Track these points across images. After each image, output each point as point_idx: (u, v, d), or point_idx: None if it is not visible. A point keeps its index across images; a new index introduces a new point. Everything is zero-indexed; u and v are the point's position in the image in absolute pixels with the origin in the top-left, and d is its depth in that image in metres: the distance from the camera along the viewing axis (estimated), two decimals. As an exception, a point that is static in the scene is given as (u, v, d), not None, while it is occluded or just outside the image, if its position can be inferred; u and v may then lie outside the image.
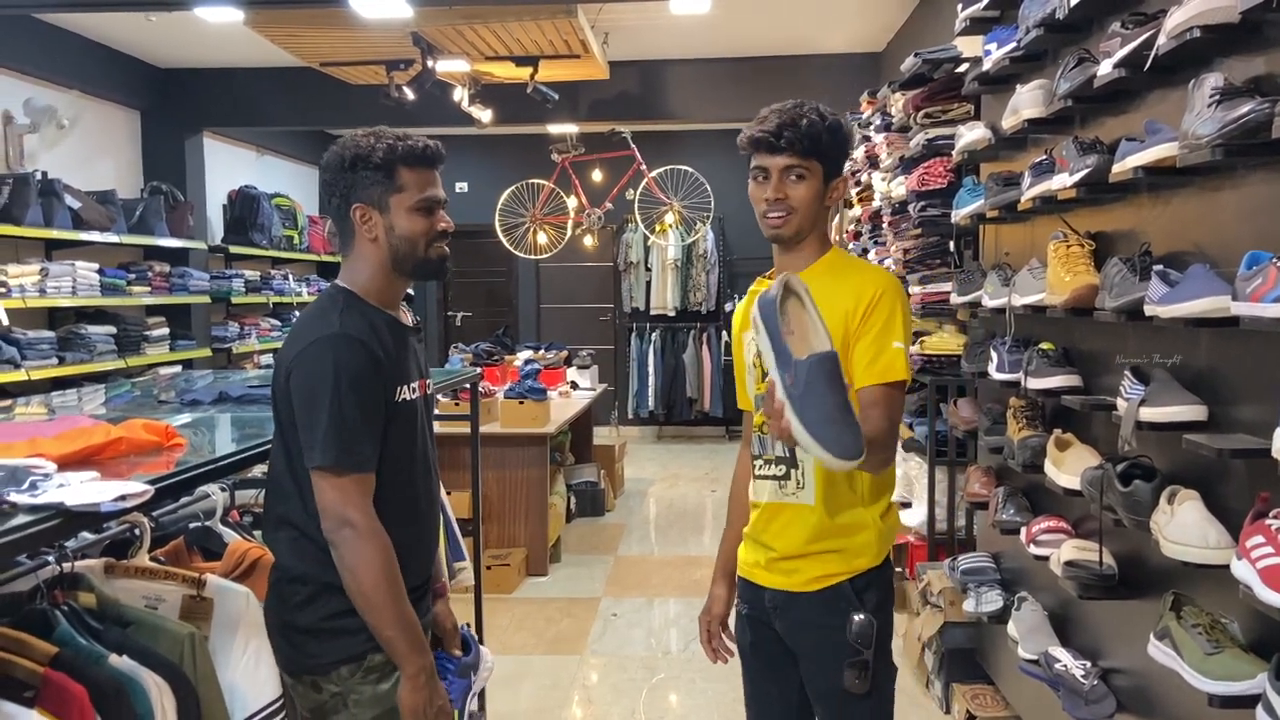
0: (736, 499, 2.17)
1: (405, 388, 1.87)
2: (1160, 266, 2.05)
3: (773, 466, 1.95)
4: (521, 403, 5.58)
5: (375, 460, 1.78)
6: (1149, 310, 2.02)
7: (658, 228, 8.81)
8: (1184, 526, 1.90)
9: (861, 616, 1.86)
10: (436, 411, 2.96)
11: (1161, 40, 2.00)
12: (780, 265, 1.98)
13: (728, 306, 9.74)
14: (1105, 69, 2.25)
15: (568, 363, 7.43)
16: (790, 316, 1.67)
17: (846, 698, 1.88)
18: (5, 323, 5.13)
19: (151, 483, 1.54)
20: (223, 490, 2.24)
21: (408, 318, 1.97)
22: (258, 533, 2.34)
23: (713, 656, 2.21)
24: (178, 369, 6.52)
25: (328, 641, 1.80)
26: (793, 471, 1.92)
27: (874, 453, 1.67)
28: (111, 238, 6.07)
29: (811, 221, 1.93)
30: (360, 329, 1.79)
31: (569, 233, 8.31)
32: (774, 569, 1.97)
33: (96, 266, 5.94)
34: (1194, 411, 1.99)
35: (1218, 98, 1.81)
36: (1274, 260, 1.65)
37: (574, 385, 7.14)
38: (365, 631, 1.78)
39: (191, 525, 2.21)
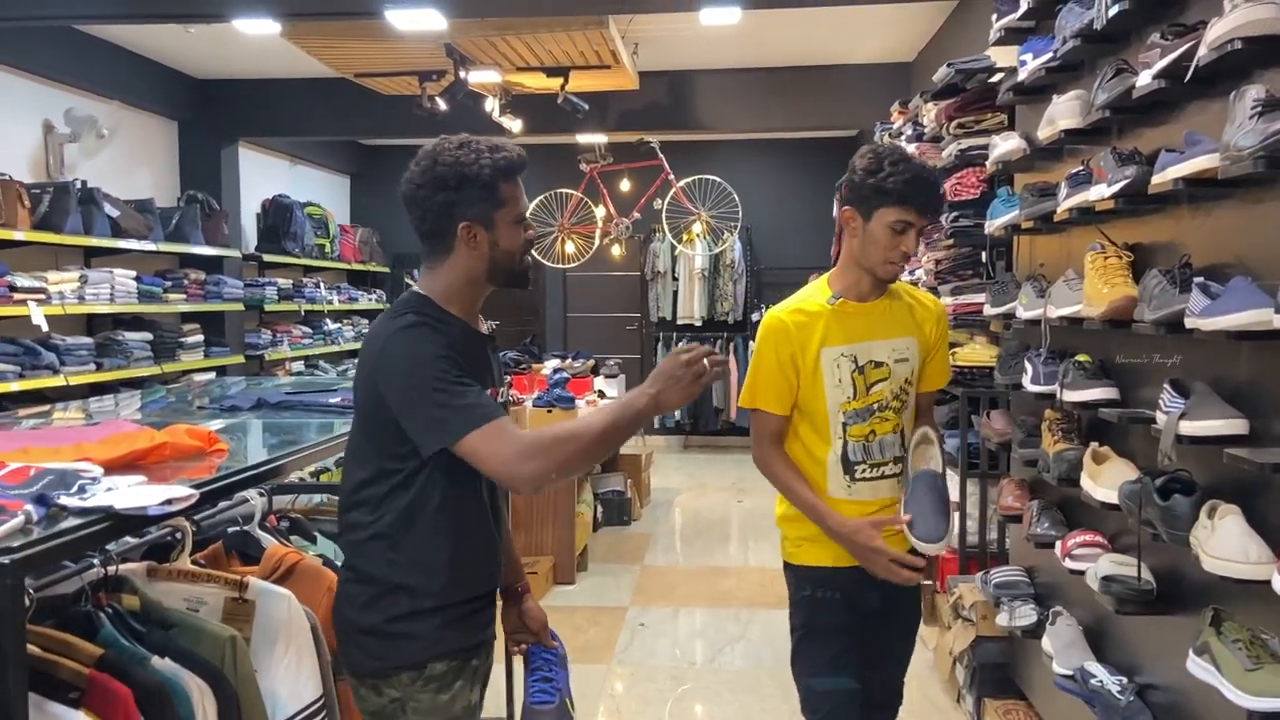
0: (789, 466, 2.32)
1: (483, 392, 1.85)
2: (1200, 279, 2.03)
3: (891, 466, 2.29)
4: (550, 411, 5.60)
5: (498, 406, 1.76)
6: (1189, 323, 2.00)
7: (685, 237, 8.82)
8: (1225, 541, 1.88)
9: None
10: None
11: (1202, 52, 1.99)
12: (861, 290, 2.28)
13: (755, 316, 9.73)
14: (1144, 80, 2.24)
15: (595, 372, 7.45)
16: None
17: (915, 629, 2.44)
18: (45, 329, 5.22)
19: (196, 487, 1.56)
20: (261, 495, 2.27)
21: (483, 326, 1.97)
22: (295, 537, 2.36)
23: (910, 575, 2.22)
24: (211, 375, 6.60)
25: (389, 645, 1.80)
26: (905, 466, 2.30)
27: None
28: (149, 246, 6.16)
29: None
30: (440, 327, 1.78)
31: (597, 242, 8.33)
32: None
33: (134, 274, 6.03)
34: (1235, 425, 1.97)
35: (1259, 110, 1.79)
36: (1319, 273, 1.63)
37: (601, 394, 7.15)
38: (427, 639, 1.79)
39: (230, 530, 2.24)
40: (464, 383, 1.72)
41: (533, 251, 2.02)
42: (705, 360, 1.76)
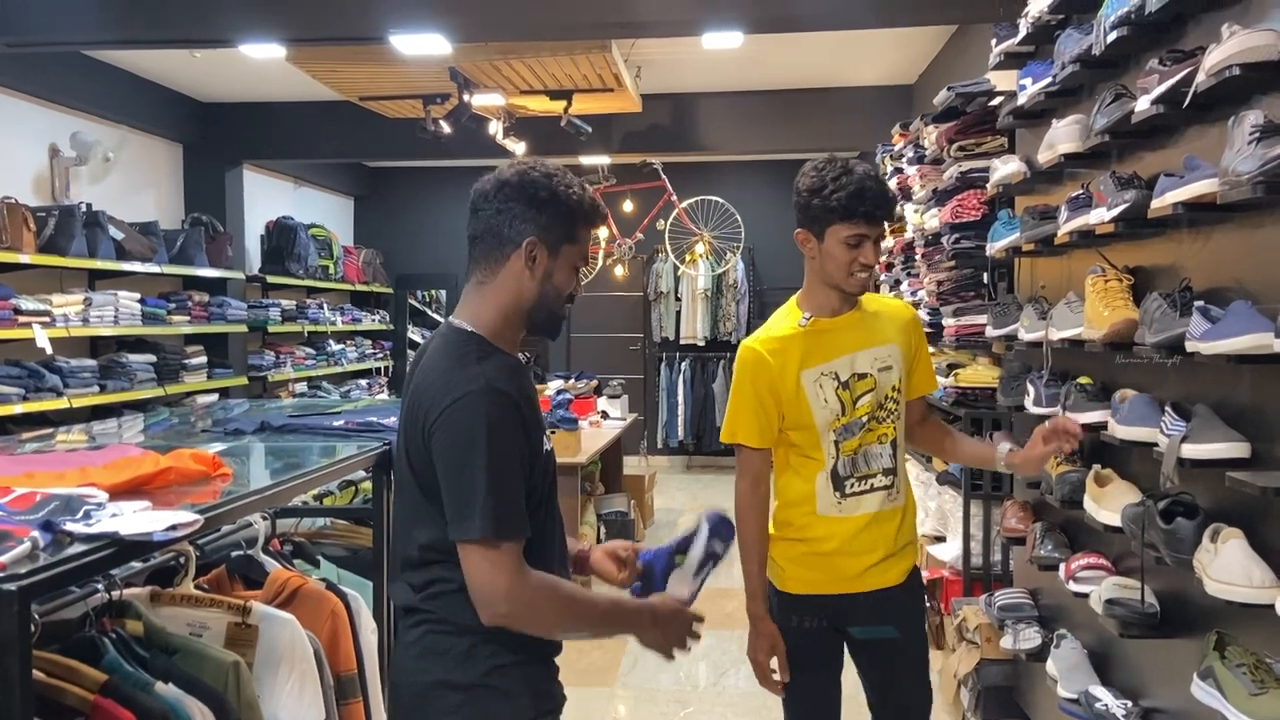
0: (759, 528, 2.27)
1: (546, 436, 1.76)
2: (1201, 302, 2.04)
3: (881, 478, 2.23)
4: (553, 432, 5.60)
5: (529, 527, 1.63)
6: (1190, 346, 2.01)
7: (688, 258, 8.86)
8: (1228, 565, 1.88)
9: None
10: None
11: (1201, 77, 2.01)
12: (831, 306, 2.24)
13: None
14: (1143, 105, 2.26)
15: (598, 392, 7.45)
16: None
17: (922, 655, 2.35)
18: (49, 351, 5.24)
19: (201, 512, 1.56)
20: (264, 519, 2.27)
21: (520, 357, 1.86)
22: (299, 561, 2.36)
23: (778, 688, 2.27)
24: (214, 397, 6.61)
25: (494, 701, 1.66)
26: (894, 479, 2.25)
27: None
28: (153, 268, 6.18)
29: None
30: (504, 378, 1.64)
31: (600, 263, 8.36)
32: (876, 571, 2.23)
33: (138, 296, 6.06)
34: (1237, 449, 1.98)
35: (1258, 135, 1.81)
36: (1318, 298, 1.64)
37: (604, 415, 7.16)
38: (532, 692, 1.70)
39: (233, 554, 2.24)
40: (518, 477, 1.62)
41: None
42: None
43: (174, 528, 1.47)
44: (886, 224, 2.18)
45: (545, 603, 1.63)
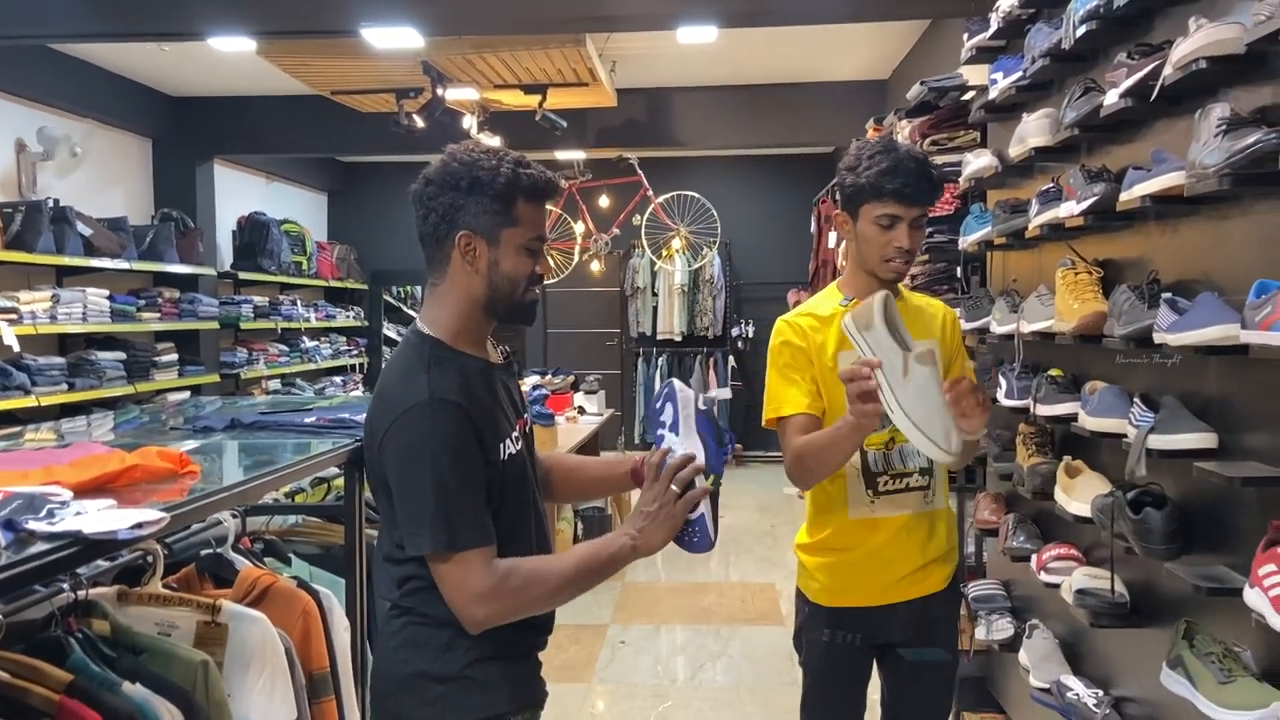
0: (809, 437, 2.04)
1: (508, 441, 1.68)
2: (1169, 294, 2.06)
3: (916, 478, 2.10)
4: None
5: (490, 531, 1.59)
6: (1158, 338, 2.03)
7: (664, 253, 8.86)
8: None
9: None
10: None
11: (1168, 71, 2.03)
12: (870, 293, 2.00)
13: (734, 331, 9.76)
14: (1112, 99, 2.27)
15: (575, 388, 7.44)
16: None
17: (952, 672, 2.25)
18: (16, 349, 5.17)
19: (167, 510, 1.54)
20: (234, 517, 2.24)
21: (496, 354, 1.78)
22: (270, 560, 2.34)
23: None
24: (186, 395, 6.54)
25: (473, 693, 1.64)
26: (931, 480, 2.11)
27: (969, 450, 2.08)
28: (122, 264, 6.11)
29: None
30: (451, 388, 1.59)
31: (576, 258, 8.35)
32: (915, 579, 2.12)
33: (107, 293, 5.99)
34: (1204, 439, 2.00)
35: (1224, 128, 1.82)
36: (1283, 289, 1.65)
37: (581, 410, 7.14)
38: (512, 686, 1.68)
39: (203, 552, 2.21)
40: (470, 486, 1.58)
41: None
42: (683, 472, 1.65)
43: (139, 526, 1.45)
44: (925, 208, 2.04)
45: (518, 591, 1.59)
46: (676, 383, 1.83)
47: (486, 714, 1.66)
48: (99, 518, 1.44)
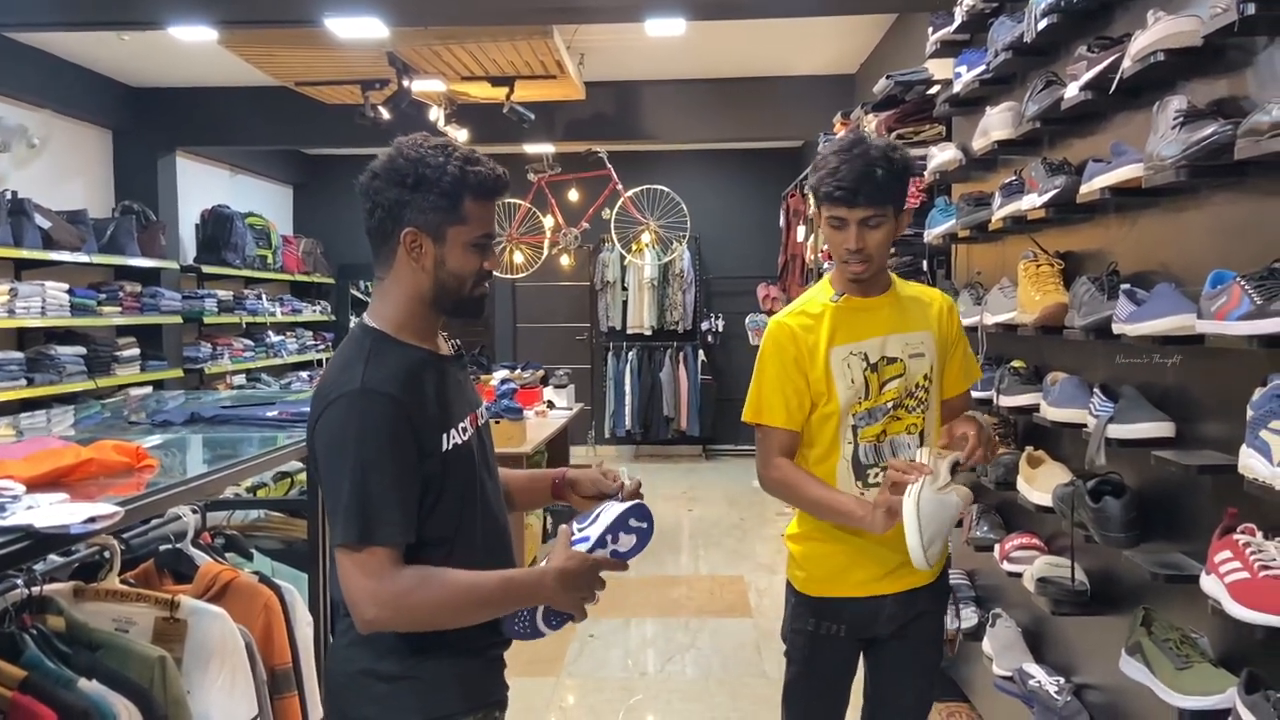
0: (806, 479, 2.10)
1: (453, 431, 1.64)
2: (1128, 285, 2.09)
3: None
4: (497, 422, 5.55)
5: (408, 530, 1.54)
6: (1117, 328, 2.05)
7: (634, 247, 8.85)
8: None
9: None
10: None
11: (1126, 64, 2.05)
12: (862, 292, 2.11)
13: (704, 325, 9.78)
14: (1072, 92, 2.29)
15: (544, 382, 7.41)
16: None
17: (935, 666, 2.26)
18: (-27, 343, 5.07)
19: (121, 504, 1.52)
20: (194, 512, 2.22)
21: (445, 347, 1.75)
22: (230, 554, 2.32)
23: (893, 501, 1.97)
24: (148, 390, 6.45)
25: (428, 692, 1.61)
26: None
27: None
28: (82, 258, 6.01)
29: (886, 257, 2.10)
30: (386, 380, 1.55)
31: (545, 252, 8.31)
32: (899, 574, 2.09)
33: (66, 287, 5.88)
34: (1162, 428, 2.03)
35: (1181, 120, 1.85)
36: (1237, 279, 1.68)
37: (550, 405, 7.12)
38: (469, 684, 1.66)
39: (162, 548, 2.18)
40: (393, 480, 1.53)
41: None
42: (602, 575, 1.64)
43: (92, 520, 1.43)
44: (875, 208, 1.98)
45: (417, 600, 1.52)
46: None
47: (435, 714, 1.62)
48: (51, 512, 1.42)
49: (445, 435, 1.61)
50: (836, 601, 2.13)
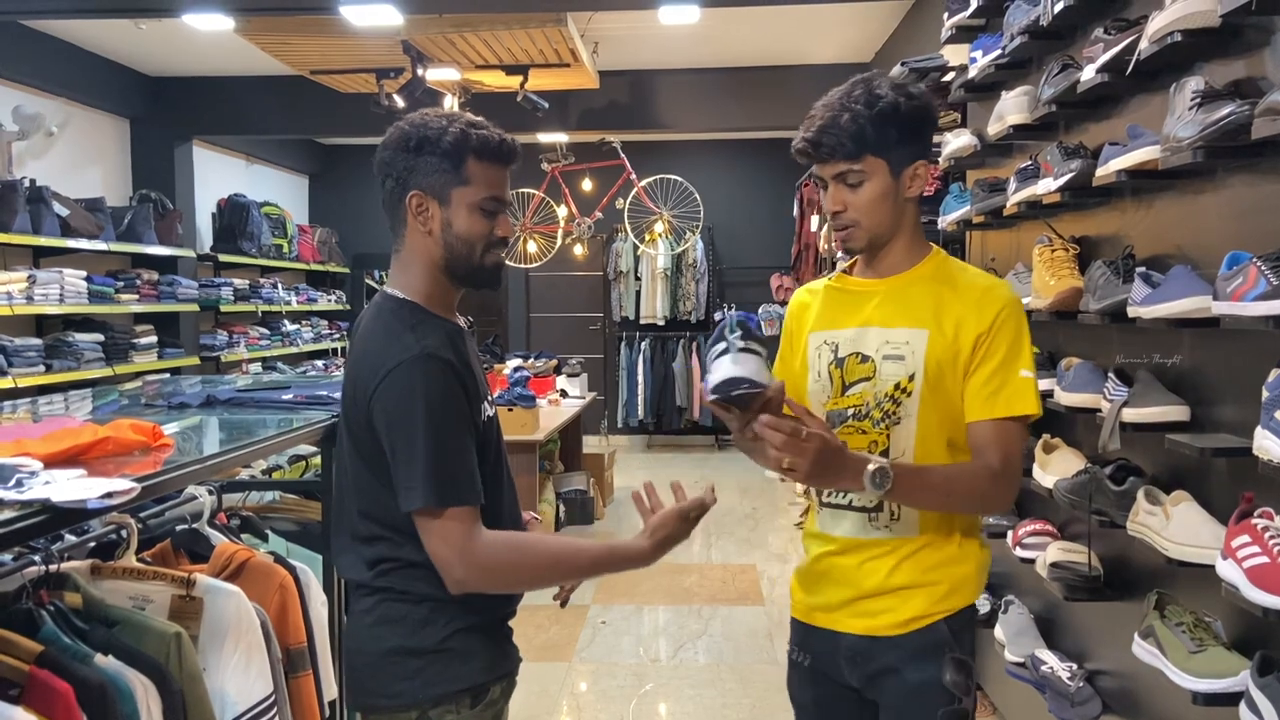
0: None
1: (486, 404, 1.68)
2: (1143, 268, 2.07)
3: (858, 498, 1.69)
4: (510, 409, 5.57)
5: (480, 490, 1.57)
6: (1132, 312, 2.04)
7: (647, 237, 8.84)
8: (1189, 528, 1.89)
9: (960, 660, 1.65)
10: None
11: (1143, 45, 2.03)
12: (866, 271, 1.77)
13: (717, 315, 9.77)
14: (1088, 74, 2.28)
15: (557, 371, 7.44)
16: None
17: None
18: (-8, 330, 5.12)
19: (139, 481, 1.53)
20: (210, 493, 2.23)
21: (461, 321, 1.75)
22: (246, 535, 2.33)
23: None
24: (165, 377, 6.49)
25: (451, 665, 1.63)
26: (885, 506, 1.67)
27: (993, 498, 1.64)
28: (99, 245, 6.05)
29: (889, 224, 1.67)
30: (441, 345, 1.58)
31: (559, 242, 8.32)
32: (855, 610, 1.71)
33: (84, 274, 5.92)
34: (1177, 412, 2.01)
35: (1198, 101, 1.83)
36: (1253, 260, 1.67)
37: (563, 393, 7.15)
38: (486, 657, 1.67)
39: (178, 528, 2.20)
40: (464, 441, 1.56)
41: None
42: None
43: (109, 495, 1.44)
44: (847, 161, 1.62)
45: (505, 562, 1.57)
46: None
47: (466, 685, 1.65)
48: (68, 486, 1.43)
49: (482, 406, 1.65)
50: (802, 626, 1.83)
